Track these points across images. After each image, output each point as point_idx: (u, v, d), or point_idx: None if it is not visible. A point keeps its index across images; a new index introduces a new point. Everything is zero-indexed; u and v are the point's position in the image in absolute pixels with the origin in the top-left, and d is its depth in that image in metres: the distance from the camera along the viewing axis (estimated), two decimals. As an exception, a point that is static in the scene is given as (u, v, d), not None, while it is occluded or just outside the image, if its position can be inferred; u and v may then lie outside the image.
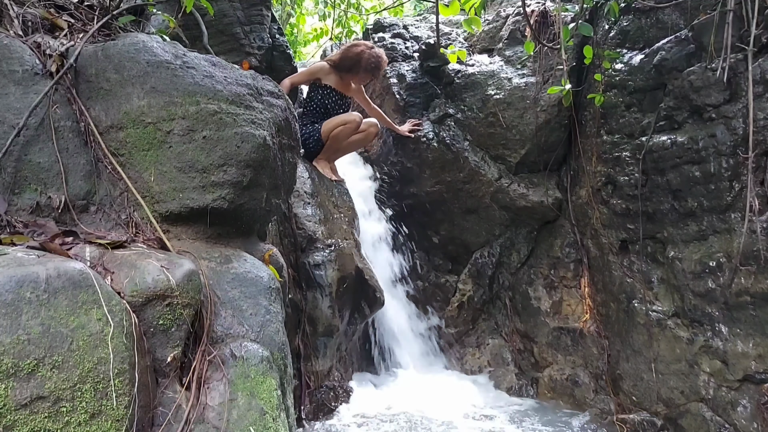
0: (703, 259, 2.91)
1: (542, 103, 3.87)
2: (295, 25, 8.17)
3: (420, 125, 4.32)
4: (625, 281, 3.37)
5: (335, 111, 4.20)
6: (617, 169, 3.40)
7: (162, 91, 2.16)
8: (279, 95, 2.49)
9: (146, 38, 2.30)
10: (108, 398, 1.40)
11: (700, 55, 2.99)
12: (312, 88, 4.25)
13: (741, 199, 2.74)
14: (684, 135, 3.02)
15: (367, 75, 4.15)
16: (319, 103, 4.17)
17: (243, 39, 4.20)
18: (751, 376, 2.70)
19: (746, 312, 2.74)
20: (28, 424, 1.28)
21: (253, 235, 2.43)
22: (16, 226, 1.86)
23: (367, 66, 4.06)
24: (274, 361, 1.82)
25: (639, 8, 3.41)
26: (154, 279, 1.65)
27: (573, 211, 3.86)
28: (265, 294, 2.01)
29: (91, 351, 1.42)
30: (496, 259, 4.21)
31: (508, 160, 4.05)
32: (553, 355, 3.84)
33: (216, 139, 2.13)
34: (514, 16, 4.36)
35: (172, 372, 1.64)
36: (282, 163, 2.46)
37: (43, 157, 2.03)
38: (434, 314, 4.33)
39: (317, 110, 4.18)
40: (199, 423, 1.58)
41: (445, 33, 4.60)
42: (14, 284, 1.39)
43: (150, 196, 2.10)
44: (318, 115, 4.18)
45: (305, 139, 4.08)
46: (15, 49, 2.15)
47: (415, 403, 3.46)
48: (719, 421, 2.81)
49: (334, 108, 4.19)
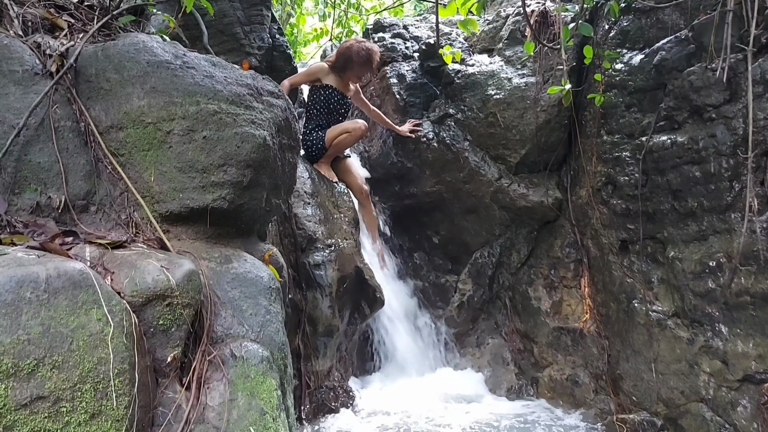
0: (703, 259, 2.91)
1: (542, 103, 3.87)
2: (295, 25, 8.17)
3: (420, 125, 4.32)
4: (625, 281, 3.37)
5: (338, 111, 4.19)
6: (617, 169, 3.40)
7: (162, 91, 2.16)
8: (279, 95, 2.49)
9: (146, 38, 2.30)
10: (108, 398, 1.40)
11: (700, 55, 2.99)
12: (313, 89, 4.24)
13: (741, 199, 2.73)
14: (684, 135, 3.02)
15: (360, 68, 4.12)
16: (322, 104, 4.17)
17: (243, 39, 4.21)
18: (751, 376, 2.70)
19: (746, 312, 2.74)
20: (28, 424, 1.28)
21: (253, 235, 2.43)
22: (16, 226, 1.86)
23: (358, 59, 4.04)
24: (274, 361, 1.82)
25: (639, 8, 3.41)
26: (154, 279, 1.65)
27: (573, 211, 3.86)
28: (265, 294, 2.01)
29: (91, 351, 1.42)
30: (496, 259, 4.21)
31: (508, 160, 4.05)
32: (553, 355, 3.84)
33: (216, 139, 2.13)
34: (514, 16, 4.36)
35: (172, 372, 1.64)
36: (282, 163, 2.46)
37: (43, 157, 2.03)
38: (434, 314, 4.33)
39: (321, 112, 4.18)
40: (199, 423, 1.58)
41: (445, 33, 4.60)
42: (14, 284, 1.39)
43: (150, 196, 2.10)
44: (322, 117, 4.18)
45: (310, 145, 4.10)
46: (15, 49, 2.15)
47: (414, 403, 3.46)
48: (719, 421, 2.81)
49: (337, 108, 4.19)
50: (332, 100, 4.16)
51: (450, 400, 3.59)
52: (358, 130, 4.05)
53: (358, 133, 4.06)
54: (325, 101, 4.16)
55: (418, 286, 4.43)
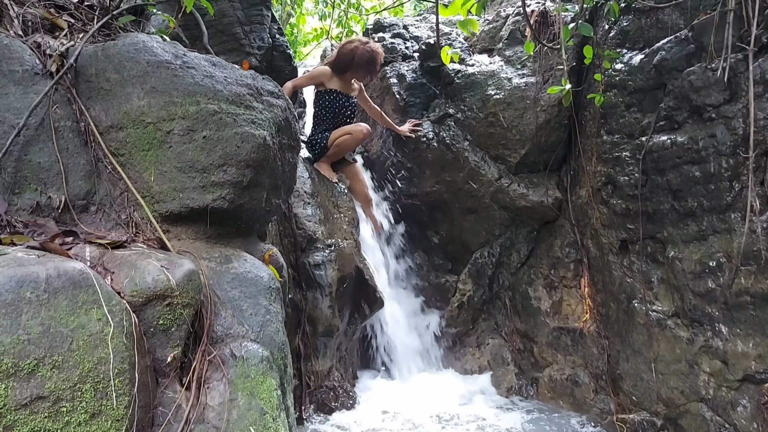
0: (703, 259, 2.91)
1: (542, 103, 3.87)
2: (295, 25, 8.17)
3: (420, 125, 4.32)
4: (625, 281, 3.37)
5: (344, 113, 4.19)
6: (617, 169, 3.40)
7: (162, 91, 2.16)
8: (279, 95, 2.49)
9: (146, 38, 2.30)
10: (108, 398, 1.40)
11: (700, 55, 2.99)
12: (318, 94, 4.25)
13: (741, 199, 2.73)
14: (684, 135, 3.02)
15: (362, 71, 4.13)
16: (327, 108, 4.18)
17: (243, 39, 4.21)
18: (751, 376, 2.70)
19: (746, 312, 2.74)
20: (28, 424, 1.28)
21: (253, 235, 2.43)
22: (16, 226, 1.86)
23: (360, 61, 4.05)
24: (274, 361, 1.82)
25: (639, 8, 3.41)
26: (154, 279, 1.65)
27: (573, 211, 3.86)
28: (265, 294, 2.01)
29: (91, 351, 1.42)
30: (496, 259, 4.21)
31: (508, 160, 4.05)
32: (553, 355, 3.84)
33: (216, 139, 2.13)
34: (514, 16, 4.36)
35: (172, 372, 1.64)
36: (282, 163, 2.46)
37: (43, 157, 2.03)
38: (434, 314, 4.33)
39: (326, 116, 4.19)
40: (199, 423, 1.58)
41: (445, 33, 4.60)
42: (14, 284, 1.39)
43: (150, 196, 2.10)
44: (328, 121, 4.19)
45: (313, 144, 4.14)
46: (15, 49, 2.15)
47: (414, 403, 3.46)
48: (719, 421, 2.81)
49: (342, 111, 4.19)
50: (337, 104, 4.17)
51: (450, 400, 3.59)
52: (360, 133, 4.06)
53: (360, 136, 4.08)
54: (330, 106, 4.17)
55: (419, 286, 4.43)
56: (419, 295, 4.41)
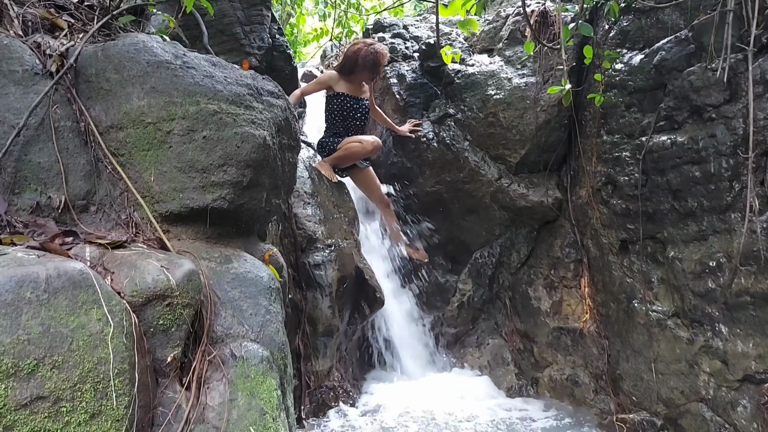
0: (703, 259, 2.90)
1: (542, 103, 3.87)
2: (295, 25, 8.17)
3: (420, 125, 4.32)
4: (625, 281, 3.37)
5: (354, 116, 4.19)
6: (617, 169, 3.40)
7: (162, 91, 2.16)
8: (279, 95, 2.49)
9: (146, 38, 2.30)
10: (108, 398, 1.40)
11: (700, 55, 2.99)
12: (328, 99, 4.26)
13: (741, 199, 2.73)
14: (684, 135, 3.02)
15: (367, 72, 4.13)
16: (336, 112, 4.19)
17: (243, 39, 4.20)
18: (751, 376, 2.70)
19: (746, 312, 2.74)
20: (28, 424, 1.28)
21: (253, 235, 2.43)
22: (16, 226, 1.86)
23: (364, 63, 4.05)
24: (274, 361, 1.82)
25: (639, 8, 3.41)
26: (154, 279, 1.65)
27: (573, 211, 3.86)
28: (265, 294, 2.01)
29: (91, 351, 1.42)
30: (496, 259, 4.21)
31: (508, 160, 4.05)
32: (553, 355, 3.84)
33: (216, 139, 2.13)
34: (514, 16, 4.36)
35: (172, 372, 1.64)
36: (282, 163, 2.46)
37: (43, 157, 2.03)
38: (434, 314, 4.33)
39: (336, 120, 4.20)
40: (199, 423, 1.58)
41: (445, 33, 4.60)
42: (14, 284, 1.39)
43: (150, 196, 2.10)
44: (338, 124, 4.20)
45: (323, 146, 4.17)
46: (15, 49, 2.15)
47: (414, 403, 3.46)
48: (719, 421, 2.81)
49: (352, 113, 4.18)
50: (346, 107, 4.17)
51: (450, 400, 3.59)
52: (370, 145, 4.05)
53: (369, 148, 4.06)
54: (339, 110, 4.17)
55: (419, 287, 4.43)
56: (419, 294, 4.41)
